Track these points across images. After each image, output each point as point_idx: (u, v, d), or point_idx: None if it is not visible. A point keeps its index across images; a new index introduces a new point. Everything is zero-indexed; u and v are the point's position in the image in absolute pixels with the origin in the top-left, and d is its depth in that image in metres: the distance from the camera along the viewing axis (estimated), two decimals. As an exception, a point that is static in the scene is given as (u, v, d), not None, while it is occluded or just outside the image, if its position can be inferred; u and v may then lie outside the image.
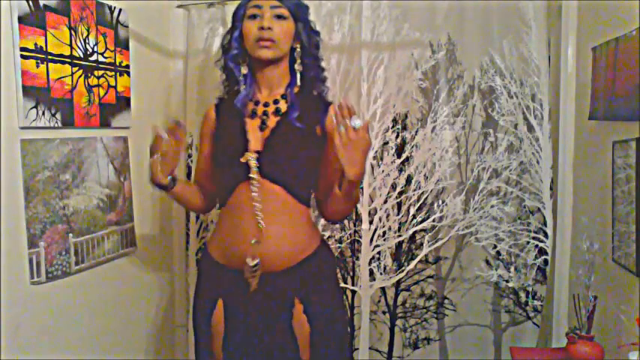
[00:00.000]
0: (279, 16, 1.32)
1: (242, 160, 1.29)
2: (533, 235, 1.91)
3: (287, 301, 1.32)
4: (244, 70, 1.39)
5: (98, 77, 1.73)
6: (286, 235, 1.32)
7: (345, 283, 2.01)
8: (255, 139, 1.33)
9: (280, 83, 1.39)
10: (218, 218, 1.43)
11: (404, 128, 1.97)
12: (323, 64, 1.45)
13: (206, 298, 1.39)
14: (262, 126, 1.34)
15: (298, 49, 1.37)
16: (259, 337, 1.32)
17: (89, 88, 1.68)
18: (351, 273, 2.02)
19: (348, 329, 1.44)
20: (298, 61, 1.38)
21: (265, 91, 1.39)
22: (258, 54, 1.32)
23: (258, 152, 1.30)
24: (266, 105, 1.37)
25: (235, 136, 1.34)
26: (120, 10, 1.82)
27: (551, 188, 1.88)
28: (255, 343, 1.32)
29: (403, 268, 2.00)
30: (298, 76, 1.39)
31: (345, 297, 1.47)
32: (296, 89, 1.38)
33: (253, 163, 1.28)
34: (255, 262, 1.27)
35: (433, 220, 1.96)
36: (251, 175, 1.28)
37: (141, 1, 1.94)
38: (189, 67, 2.19)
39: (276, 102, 1.37)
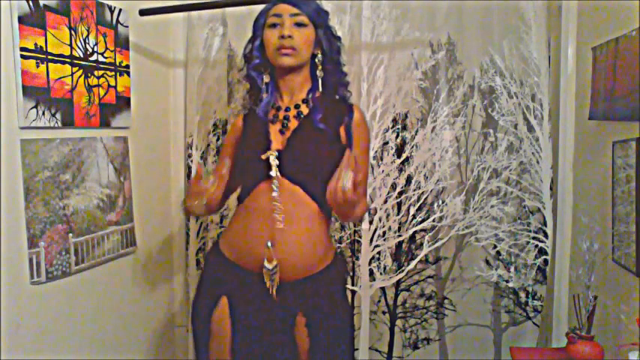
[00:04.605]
0: (299, 24, 1.32)
1: (263, 157, 1.28)
2: (533, 235, 1.91)
3: (290, 312, 1.32)
4: (266, 78, 1.39)
5: (98, 77, 1.73)
6: (302, 242, 1.31)
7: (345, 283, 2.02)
8: (277, 140, 1.33)
9: (301, 89, 1.40)
10: (233, 215, 1.42)
11: (404, 128, 1.97)
12: (345, 68, 1.45)
13: (208, 295, 1.38)
14: (283, 129, 1.35)
15: (319, 56, 1.38)
16: (263, 339, 1.32)
17: (89, 88, 1.68)
18: (351, 273, 2.02)
19: (353, 347, 1.43)
20: (320, 67, 1.38)
21: (287, 98, 1.40)
22: (279, 62, 1.33)
23: (279, 151, 1.30)
24: (287, 110, 1.37)
25: (258, 138, 1.35)
26: (120, 10, 1.82)
27: (551, 188, 1.88)
28: (259, 345, 1.32)
29: (403, 268, 2.00)
30: (320, 82, 1.39)
31: (352, 313, 1.47)
32: (318, 94, 1.39)
33: (274, 161, 1.28)
34: (273, 264, 1.27)
35: (433, 220, 1.96)
36: (271, 174, 1.27)
37: (141, 2, 1.94)
38: (190, 68, 2.19)
39: (297, 106, 1.37)
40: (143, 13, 1.89)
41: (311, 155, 1.31)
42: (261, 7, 1.42)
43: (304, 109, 1.36)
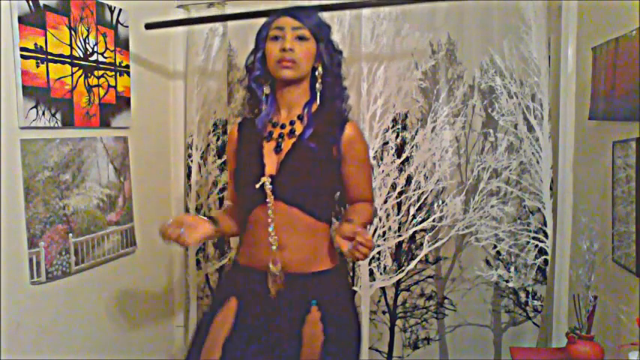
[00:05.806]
0: (301, 37, 1.33)
1: (257, 185, 1.30)
2: (533, 235, 1.91)
3: (303, 305, 1.32)
4: (267, 90, 1.40)
5: (98, 77, 1.73)
6: (305, 244, 1.33)
7: (345, 283, 2.02)
8: (271, 162, 1.34)
9: (299, 103, 1.40)
10: (243, 234, 1.45)
11: (404, 128, 1.97)
12: (345, 82, 1.45)
13: (219, 298, 1.41)
14: (277, 149, 1.35)
15: (320, 69, 1.38)
16: (266, 337, 1.32)
17: (89, 88, 1.68)
18: (351, 273, 2.03)
19: (360, 348, 1.45)
20: (319, 80, 1.39)
21: (284, 112, 1.40)
22: (280, 74, 1.34)
23: (272, 176, 1.32)
24: (282, 127, 1.38)
25: (252, 160, 1.36)
26: (120, 10, 1.82)
27: (551, 188, 1.88)
28: (261, 343, 1.32)
29: (403, 268, 2.00)
30: (318, 95, 1.39)
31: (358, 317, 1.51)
32: (314, 107, 1.39)
33: (268, 188, 1.30)
34: (277, 268, 1.30)
35: (433, 220, 1.96)
36: (267, 200, 1.30)
37: (141, 2, 1.94)
38: (190, 68, 2.19)
39: (292, 123, 1.37)
40: (149, 27, 1.90)
41: (305, 178, 1.32)
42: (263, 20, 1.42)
43: (298, 127, 1.36)
